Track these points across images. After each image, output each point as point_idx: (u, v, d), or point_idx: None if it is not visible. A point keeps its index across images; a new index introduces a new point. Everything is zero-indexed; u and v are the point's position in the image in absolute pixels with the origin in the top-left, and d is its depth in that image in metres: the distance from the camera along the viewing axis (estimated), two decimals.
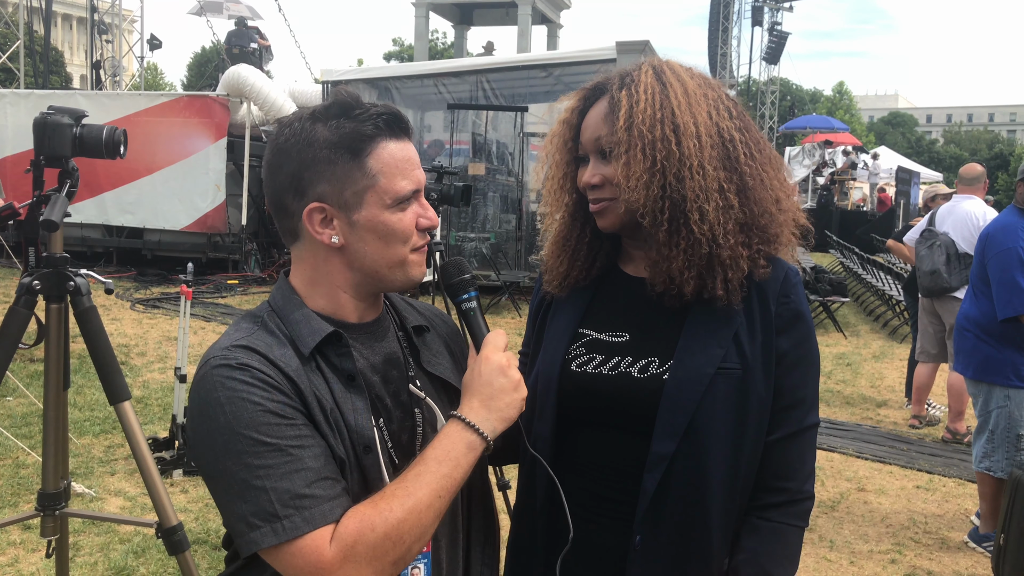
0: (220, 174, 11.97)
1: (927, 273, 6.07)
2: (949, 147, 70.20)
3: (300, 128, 1.25)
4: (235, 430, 1.13)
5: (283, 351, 1.21)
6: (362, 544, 1.11)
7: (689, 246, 1.38)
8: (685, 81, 1.43)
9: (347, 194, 1.24)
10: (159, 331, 9.02)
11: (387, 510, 1.13)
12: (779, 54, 32.44)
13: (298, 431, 1.15)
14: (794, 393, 1.43)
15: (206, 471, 1.18)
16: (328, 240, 1.25)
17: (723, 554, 1.41)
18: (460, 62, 16.32)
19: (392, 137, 1.26)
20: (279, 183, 1.26)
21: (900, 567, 4.11)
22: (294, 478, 1.12)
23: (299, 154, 1.24)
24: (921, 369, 6.57)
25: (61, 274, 2.54)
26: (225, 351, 1.19)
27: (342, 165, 1.23)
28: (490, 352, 1.28)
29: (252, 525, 1.11)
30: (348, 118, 1.24)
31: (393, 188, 1.25)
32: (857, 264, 14.83)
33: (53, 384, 2.63)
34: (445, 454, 1.19)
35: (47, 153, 2.45)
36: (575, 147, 1.50)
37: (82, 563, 3.77)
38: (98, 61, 18.33)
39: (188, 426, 1.22)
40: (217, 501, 1.18)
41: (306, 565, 1.10)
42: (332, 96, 1.29)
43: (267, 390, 1.16)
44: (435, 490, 1.16)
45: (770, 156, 1.47)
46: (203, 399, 1.17)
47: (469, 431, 1.22)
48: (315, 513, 1.12)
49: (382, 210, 1.25)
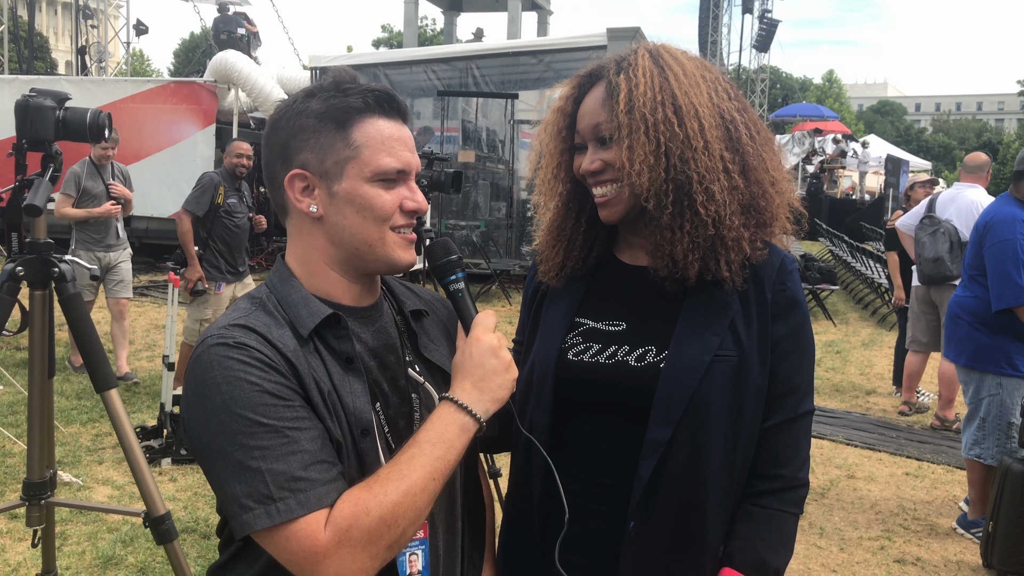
0: (208, 161, 11.88)
1: (929, 260, 6.03)
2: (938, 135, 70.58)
3: (294, 101, 1.27)
4: (231, 410, 1.11)
5: (281, 332, 1.20)
6: (357, 528, 1.09)
7: (694, 228, 1.37)
8: (683, 63, 1.42)
9: (328, 163, 1.24)
10: (147, 319, 8.97)
11: (381, 493, 1.11)
12: (769, 42, 32.44)
13: (295, 412, 1.14)
14: (789, 380, 1.43)
15: (201, 452, 1.15)
16: (307, 209, 1.25)
17: (718, 541, 1.41)
18: (449, 48, 16.26)
19: (383, 115, 1.26)
20: (271, 155, 1.28)
21: (889, 553, 4.13)
22: (290, 460, 1.10)
23: (288, 124, 1.25)
24: (912, 358, 6.59)
25: (45, 260, 2.50)
26: (223, 330, 1.18)
27: (327, 135, 1.23)
28: (480, 333, 1.27)
29: (246, 507, 1.09)
30: (340, 92, 1.25)
31: (375, 162, 1.24)
32: (846, 252, 14.89)
33: (38, 372, 2.60)
34: (438, 436, 1.18)
35: (29, 136, 2.42)
36: (570, 135, 1.48)
37: (70, 552, 3.74)
38: (83, 47, 18.16)
39: (183, 406, 1.20)
40: (212, 483, 1.16)
41: (300, 549, 1.09)
42: (331, 74, 1.29)
43: (265, 370, 1.14)
44: (429, 472, 1.15)
45: (768, 137, 1.46)
46: (199, 378, 1.15)
47: (462, 412, 1.20)
48: (310, 496, 1.10)
49: (361, 183, 1.24)
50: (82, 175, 6.32)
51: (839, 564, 3.98)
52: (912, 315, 6.53)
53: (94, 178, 6.40)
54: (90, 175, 6.38)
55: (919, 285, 6.32)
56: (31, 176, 2.43)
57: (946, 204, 6.19)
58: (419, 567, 1.30)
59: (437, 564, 1.33)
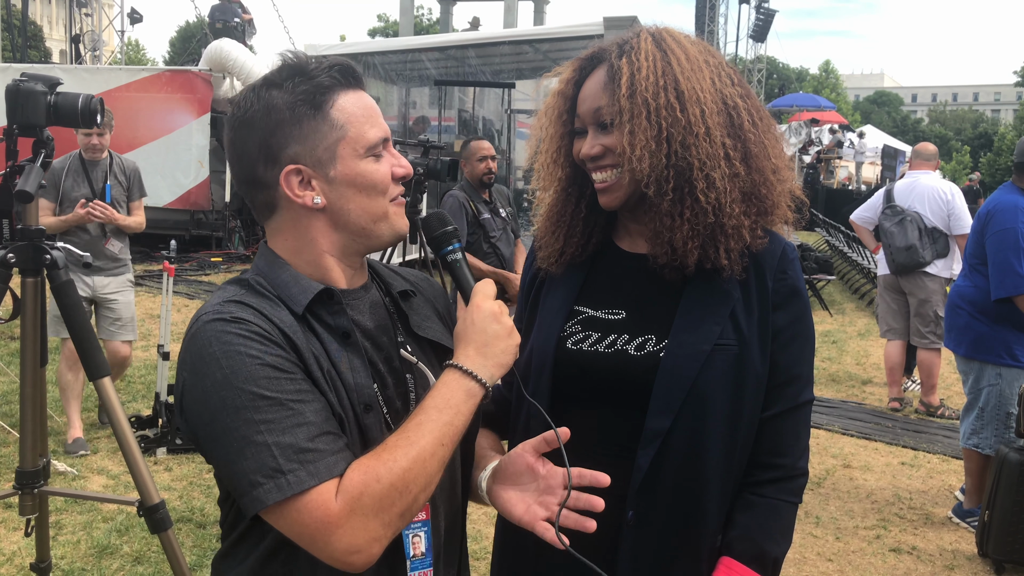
0: (203, 150, 11.83)
1: (902, 249, 6.05)
2: (934, 126, 70.58)
3: (256, 97, 1.22)
4: (233, 384, 1.09)
5: (276, 309, 1.18)
6: (368, 496, 1.08)
7: (694, 215, 1.36)
8: (686, 47, 1.40)
9: (319, 151, 1.21)
10: (142, 309, 8.94)
11: (391, 460, 1.10)
12: (766, 32, 32.36)
13: (297, 385, 1.12)
14: (789, 370, 1.42)
15: (203, 432, 1.13)
16: (310, 202, 1.22)
17: (717, 530, 1.40)
18: (446, 37, 16.20)
19: (349, 88, 1.24)
20: (248, 156, 1.22)
21: (885, 542, 4.13)
22: (296, 432, 1.09)
23: (262, 121, 1.20)
24: (890, 348, 6.51)
25: (37, 247, 2.47)
26: (217, 306, 1.15)
27: (308, 122, 1.20)
28: (481, 300, 1.26)
29: (255, 483, 1.07)
30: (302, 76, 1.22)
31: (364, 137, 1.22)
32: (843, 242, 14.88)
33: (30, 361, 2.57)
34: (445, 402, 1.17)
35: (20, 122, 2.38)
36: (570, 119, 1.46)
37: (64, 541, 3.73)
38: (77, 35, 18.04)
39: (180, 387, 1.16)
40: (216, 463, 1.14)
41: (312, 520, 1.07)
42: (279, 61, 1.25)
43: (264, 343, 1.12)
44: (438, 438, 1.14)
45: (770, 124, 1.45)
46: (197, 355, 1.12)
47: (467, 378, 1.19)
48: (320, 467, 1.08)
49: (357, 161, 1.22)
50: (61, 172, 4.67)
51: (835, 553, 3.98)
52: (882, 304, 6.52)
53: (77, 177, 4.72)
54: (73, 173, 4.72)
55: (887, 274, 6.32)
56: (22, 162, 2.41)
57: (905, 193, 6.22)
58: (422, 548, 1.29)
59: (439, 546, 1.32)
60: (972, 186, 24.81)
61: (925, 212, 6.06)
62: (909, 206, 6.13)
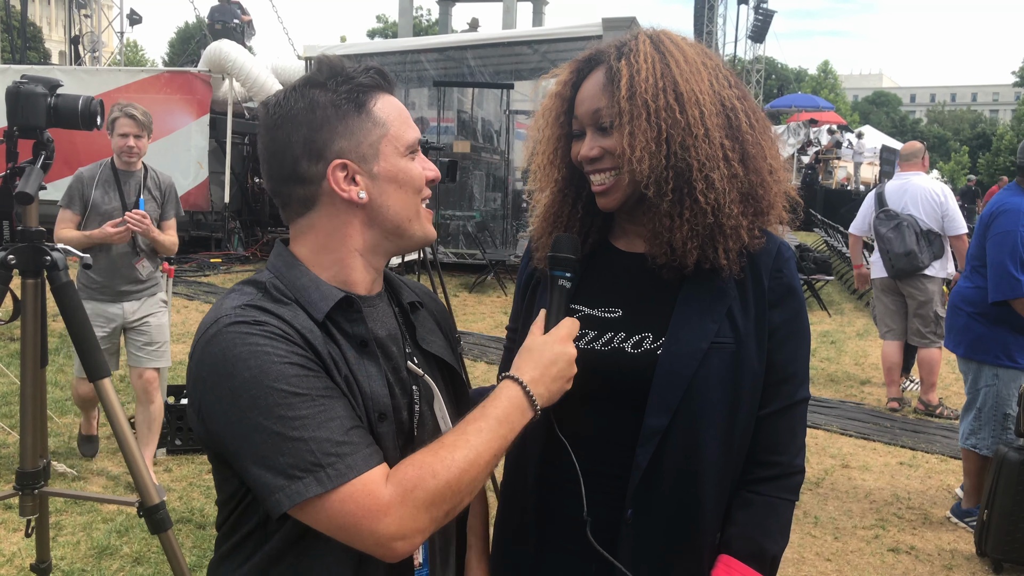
0: (202, 151, 11.83)
1: (902, 255, 6.04)
2: (933, 127, 70.61)
3: (299, 95, 1.24)
4: (263, 383, 1.09)
5: (295, 314, 1.18)
6: (422, 489, 1.10)
7: (693, 216, 1.37)
8: (684, 50, 1.41)
9: (364, 147, 1.24)
10: None
11: (448, 458, 1.12)
12: (765, 32, 32.40)
13: (324, 383, 1.14)
14: (785, 368, 1.43)
15: (228, 432, 1.11)
16: (356, 196, 1.23)
17: (715, 528, 1.41)
18: (445, 38, 16.19)
19: (386, 91, 1.28)
20: (290, 153, 1.23)
21: (883, 542, 4.14)
22: (331, 426, 1.10)
23: (306, 118, 1.22)
24: (888, 348, 6.51)
25: (37, 248, 2.48)
26: (236, 311, 1.16)
27: (353, 119, 1.23)
28: (565, 333, 1.31)
29: (293, 477, 1.08)
30: (343, 76, 1.25)
31: (404, 136, 1.27)
32: (841, 243, 14.88)
33: (30, 362, 2.58)
34: (506, 415, 1.19)
35: (20, 123, 2.39)
36: (568, 121, 1.47)
37: (64, 542, 3.74)
38: (77, 36, 18.04)
39: (197, 389, 1.15)
40: (241, 463, 1.12)
41: (358, 508, 1.08)
42: (317, 63, 1.28)
43: (288, 344, 1.13)
44: (493, 448, 1.16)
45: (766, 126, 1.45)
46: (220, 357, 1.12)
47: (527, 399, 1.23)
48: (356, 459, 1.10)
49: (398, 158, 1.26)
50: (90, 182, 4.18)
51: (833, 553, 3.99)
52: (879, 306, 6.51)
53: (108, 188, 4.20)
54: (103, 183, 4.19)
55: (884, 277, 6.31)
56: (22, 163, 2.41)
57: (897, 195, 6.21)
58: (420, 559, 1.30)
59: (434, 554, 1.33)
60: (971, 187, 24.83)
61: (919, 214, 6.06)
62: (902, 208, 6.12)
